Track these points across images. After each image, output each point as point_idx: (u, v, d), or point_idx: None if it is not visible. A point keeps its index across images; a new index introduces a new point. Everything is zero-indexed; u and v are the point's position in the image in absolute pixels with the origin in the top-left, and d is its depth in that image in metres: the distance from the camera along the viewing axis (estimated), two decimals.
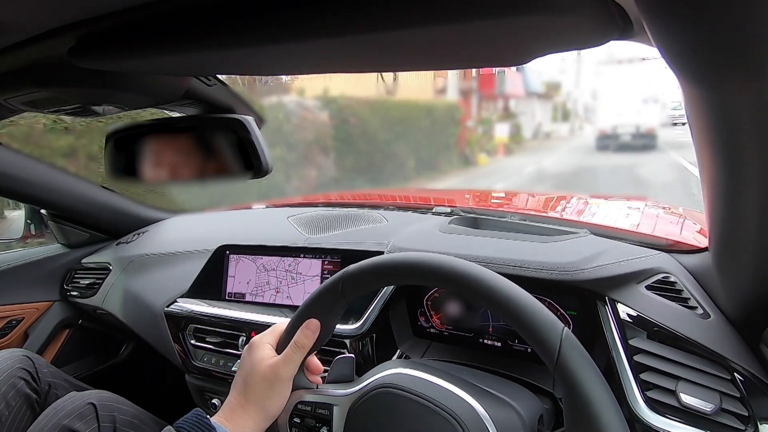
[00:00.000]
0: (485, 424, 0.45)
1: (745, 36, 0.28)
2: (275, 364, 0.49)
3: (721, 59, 0.30)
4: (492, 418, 0.46)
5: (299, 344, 0.48)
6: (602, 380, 0.40)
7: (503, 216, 0.96)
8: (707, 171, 0.44)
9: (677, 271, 0.68)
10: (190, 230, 1.24)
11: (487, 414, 0.46)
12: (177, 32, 0.37)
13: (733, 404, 0.53)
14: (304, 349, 0.49)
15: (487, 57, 0.40)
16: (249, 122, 0.58)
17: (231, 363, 0.90)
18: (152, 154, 0.62)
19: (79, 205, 1.21)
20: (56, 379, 0.88)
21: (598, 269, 0.67)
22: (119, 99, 0.54)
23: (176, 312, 0.97)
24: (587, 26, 0.32)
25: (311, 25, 0.34)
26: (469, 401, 0.46)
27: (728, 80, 0.32)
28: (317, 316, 0.51)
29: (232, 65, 0.48)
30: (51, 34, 0.40)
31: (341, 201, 1.26)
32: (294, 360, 0.48)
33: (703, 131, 0.40)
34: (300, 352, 0.49)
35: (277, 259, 0.95)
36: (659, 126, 9.04)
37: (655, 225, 0.91)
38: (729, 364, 0.55)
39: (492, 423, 0.45)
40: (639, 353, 0.59)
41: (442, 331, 0.81)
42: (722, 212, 0.47)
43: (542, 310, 0.43)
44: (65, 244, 1.30)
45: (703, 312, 0.62)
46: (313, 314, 0.51)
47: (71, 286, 1.24)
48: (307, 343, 0.49)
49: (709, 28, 0.28)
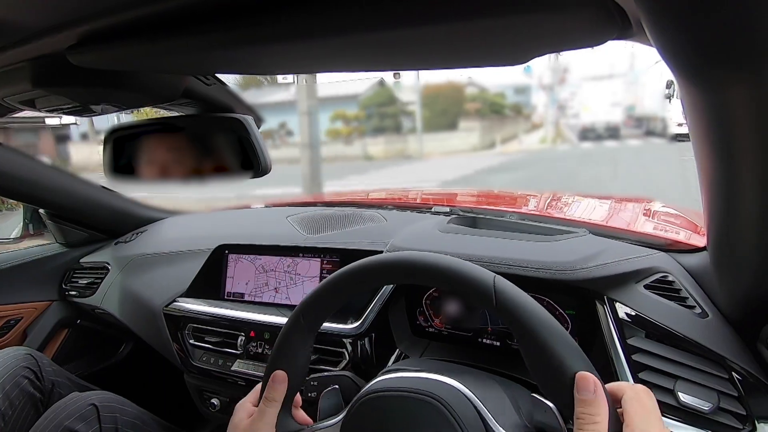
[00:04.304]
0: (469, 400, 0.45)
1: (742, 35, 0.28)
2: (252, 421, 0.51)
3: (720, 59, 0.30)
4: (478, 396, 0.46)
5: (269, 398, 0.50)
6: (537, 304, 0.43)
7: (502, 215, 0.96)
8: (705, 170, 0.44)
9: (675, 270, 0.68)
10: (188, 230, 1.24)
11: (471, 392, 0.46)
12: (176, 31, 0.37)
13: (730, 403, 0.53)
14: (276, 401, 0.50)
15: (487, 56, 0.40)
16: (248, 121, 0.58)
17: (230, 363, 0.90)
18: (151, 153, 0.62)
19: (78, 205, 1.21)
20: (60, 378, 0.88)
21: (597, 269, 0.67)
22: (117, 98, 0.54)
23: (175, 311, 0.96)
24: (586, 26, 0.32)
25: (311, 24, 0.34)
26: (450, 382, 0.47)
27: (726, 80, 0.32)
28: (282, 365, 0.52)
29: (230, 64, 0.47)
30: (49, 32, 0.40)
31: (340, 200, 1.26)
32: (268, 413, 0.50)
33: (702, 131, 0.40)
34: (273, 405, 0.50)
35: (276, 260, 0.95)
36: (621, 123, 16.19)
37: (654, 224, 0.91)
38: (727, 363, 0.55)
39: (477, 399, 0.45)
40: (637, 352, 0.59)
41: (440, 330, 0.81)
42: (720, 212, 0.47)
43: (472, 266, 0.45)
44: (64, 244, 1.30)
45: (701, 311, 0.62)
46: (278, 365, 0.52)
47: (70, 286, 1.24)
48: (277, 396, 0.50)
49: (708, 29, 0.28)
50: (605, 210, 1.08)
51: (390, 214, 1.05)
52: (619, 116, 16.74)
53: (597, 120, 16.64)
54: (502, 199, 1.33)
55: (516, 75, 17.44)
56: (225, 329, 0.91)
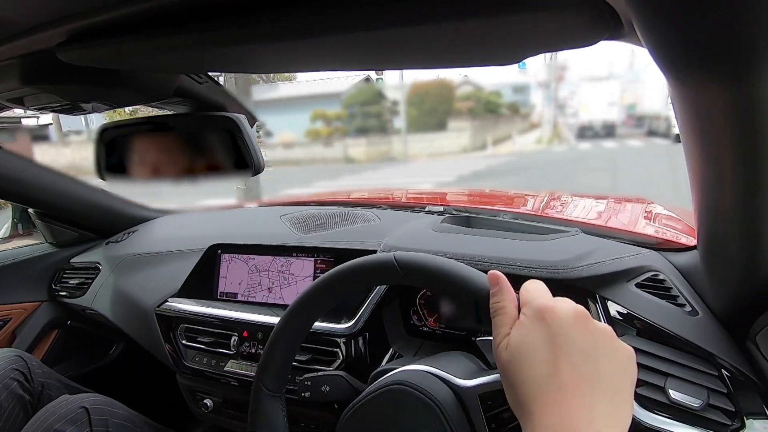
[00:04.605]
0: (433, 374, 0.50)
1: (732, 37, 0.28)
2: None
3: (708, 60, 0.31)
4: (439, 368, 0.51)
5: None
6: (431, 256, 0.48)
7: (495, 215, 0.96)
8: (695, 170, 0.45)
9: (666, 269, 0.69)
10: (181, 229, 1.23)
11: (432, 367, 0.51)
12: (168, 29, 0.37)
13: (720, 400, 0.53)
14: None
15: (479, 56, 0.40)
16: (241, 120, 0.58)
17: (223, 363, 0.89)
18: (143, 151, 0.62)
19: (68, 204, 1.19)
20: (50, 380, 0.87)
21: (589, 267, 0.67)
22: (108, 96, 0.53)
23: (167, 312, 0.96)
24: (578, 26, 0.32)
25: (304, 23, 0.34)
26: (416, 368, 0.52)
27: (715, 80, 0.33)
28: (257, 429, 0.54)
29: (223, 63, 0.47)
30: (38, 29, 0.39)
31: (334, 200, 1.26)
32: None
33: (691, 130, 0.40)
34: None
35: (269, 259, 0.95)
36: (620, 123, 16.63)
37: (645, 223, 0.92)
38: (716, 360, 0.56)
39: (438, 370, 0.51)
40: None
41: (434, 329, 0.81)
42: (709, 211, 0.48)
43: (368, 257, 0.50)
44: (53, 244, 1.28)
45: (692, 309, 0.62)
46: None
47: (60, 286, 1.23)
48: None
49: (697, 30, 0.28)
50: (598, 209, 1.09)
51: (384, 214, 1.05)
52: (617, 115, 17.43)
53: (595, 118, 17.44)
54: (496, 198, 1.34)
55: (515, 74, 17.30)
56: (218, 329, 0.91)
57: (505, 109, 19.10)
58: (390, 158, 13.78)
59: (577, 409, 0.30)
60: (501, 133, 17.49)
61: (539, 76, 17.74)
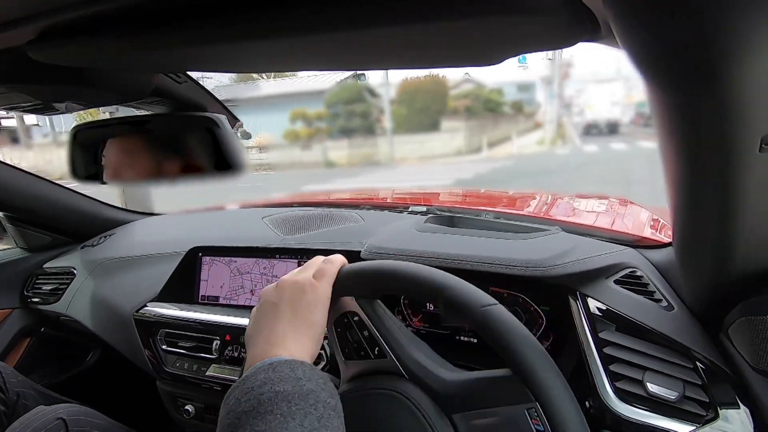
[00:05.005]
0: None
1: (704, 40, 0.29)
2: None
3: (682, 63, 0.32)
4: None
5: None
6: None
7: (478, 214, 0.97)
8: (671, 170, 0.46)
9: (643, 265, 0.70)
10: (159, 232, 1.20)
11: None
12: (144, 26, 0.36)
13: (695, 391, 0.55)
14: None
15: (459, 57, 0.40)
16: (221, 120, 0.57)
17: (205, 368, 0.88)
18: (119, 153, 0.60)
19: (41, 207, 1.15)
20: (25, 389, 0.84)
21: (569, 265, 0.69)
22: (82, 96, 0.52)
23: (146, 317, 0.93)
24: (557, 28, 0.33)
25: (283, 22, 0.33)
26: None
27: (689, 83, 0.34)
28: None
29: (201, 62, 0.46)
30: (8, 26, 0.38)
31: (317, 201, 1.25)
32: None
33: (667, 132, 0.42)
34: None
35: (252, 261, 0.93)
36: (629, 122, 16.96)
37: (623, 222, 0.95)
38: (691, 353, 0.58)
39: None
40: (608, 345, 0.61)
41: (419, 329, 0.82)
42: (684, 209, 0.49)
43: None
44: (25, 248, 1.24)
45: (668, 304, 0.64)
46: None
47: (32, 293, 1.18)
48: None
49: (671, 33, 0.29)
50: (578, 208, 1.11)
51: (367, 214, 1.05)
52: (620, 113, 17.53)
53: (599, 117, 17.56)
54: (478, 198, 1.35)
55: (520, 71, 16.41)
56: (199, 333, 0.89)
57: (507, 108, 17.78)
58: (374, 162, 12.79)
59: (271, 335, 0.46)
60: (500, 134, 15.70)
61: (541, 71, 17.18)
